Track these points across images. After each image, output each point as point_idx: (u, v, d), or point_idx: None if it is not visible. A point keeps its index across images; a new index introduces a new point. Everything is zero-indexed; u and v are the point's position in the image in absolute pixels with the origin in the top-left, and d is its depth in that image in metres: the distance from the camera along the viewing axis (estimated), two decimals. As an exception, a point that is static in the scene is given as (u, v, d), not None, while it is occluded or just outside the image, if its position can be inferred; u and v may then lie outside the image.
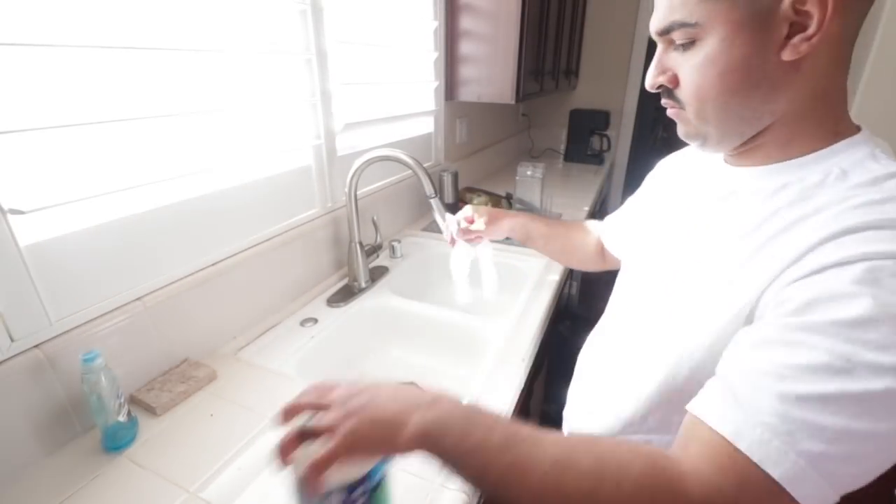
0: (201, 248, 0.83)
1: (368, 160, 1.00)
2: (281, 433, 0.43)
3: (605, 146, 2.63)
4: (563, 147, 2.69)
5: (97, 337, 0.67)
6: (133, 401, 0.71)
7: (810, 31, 0.36)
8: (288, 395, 0.73)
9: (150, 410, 0.70)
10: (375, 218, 1.22)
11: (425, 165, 0.98)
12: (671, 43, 0.43)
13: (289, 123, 1.00)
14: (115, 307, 0.70)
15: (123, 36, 0.65)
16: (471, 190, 1.65)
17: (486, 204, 1.57)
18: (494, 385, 0.78)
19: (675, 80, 0.45)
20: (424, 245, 1.39)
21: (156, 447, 0.65)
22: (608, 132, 2.62)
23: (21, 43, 0.55)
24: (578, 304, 0.91)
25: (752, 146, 0.46)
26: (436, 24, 1.49)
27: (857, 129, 0.43)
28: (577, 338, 1.08)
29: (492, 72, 1.57)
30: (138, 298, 0.72)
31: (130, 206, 0.71)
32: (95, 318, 0.67)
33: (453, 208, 1.60)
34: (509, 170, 2.05)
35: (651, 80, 0.47)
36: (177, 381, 0.75)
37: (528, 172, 1.61)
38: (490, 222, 0.85)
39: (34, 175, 0.58)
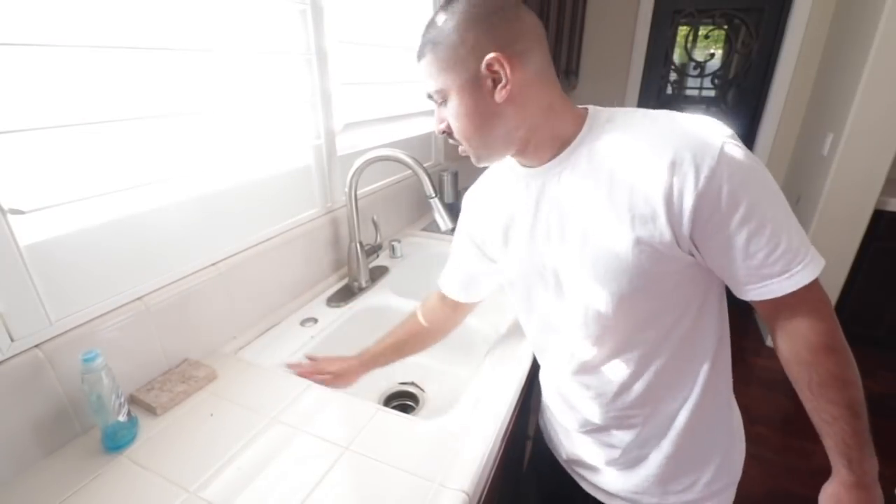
0: (201, 248, 0.83)
1: (368, 160, 1.00)
2: None
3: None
4: (563, 147, 2.68)
5: (97, 337, 0.67)
6: (133, 401, 0.71)
7: (502, 81, 0.54)
8: (288, 395, 0.74)
9: (150, 410, 0.70)
10: (375, 218, 1.22)
11: (425, 165, 0.98)
12: (436, 101, 0.60)
13: (289, 123, 1.00)
14: (115, 307, 0.70)
15: (123, 36, 0.65)
16: (471, 190, 1.65)
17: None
18: (494, 385, 0.78)
19: (449, 127, 0.60)
20: (424, 245, 1.39)
21: (156, 447, 0.65)
22: (608, 132, 2.62)
23: (21, 43, 0.55)
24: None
25: (530, 151, 0.60)
26: (436, 24, 1.49)
27: (586, 110, 0.60)
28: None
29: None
30: (138, 298, 0.73)
31: (130, 206, 0.71)
32: (95, 318, 0.67)
33: (453, 208, 1.60)
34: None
35: (436, 128, 0.62)
36: (177, 380, 0.75)
37: (528, 172, 1.61)
38: (343, 381, 0.85)
39: (34, 175, 0.58)
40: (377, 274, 1.17)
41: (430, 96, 0.60)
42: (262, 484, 0.59)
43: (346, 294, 1.08)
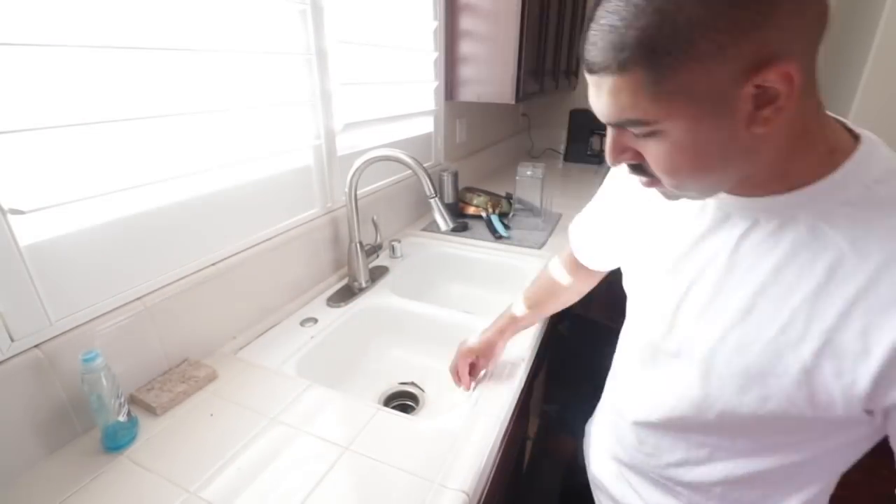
0: (201, 248, 0.83)
1: (368, 160, 1.00)
2: None
3: (605, 146, 2.63)
4: (563, 147, 2.68)
5: (97, 337, 0.67)
6: (133, 401, 0.71)
7: (780, 102, 0.34)
8: (288, 395, 0.74)
9: (150, 410, 0.70)
10: (375, 218, 1.22)
11: (425, 165, 0.98)
12: (635, 133, 0.40)
13: (289, 123, 1.00)
14: (115, 307, 0.70)
15: (123, 36, 0.65)
16: (471, 190, 1.65)
17: (486, 204, 1.57)
18: (494, 385, 0.78)
19: (640, 157, 0.41)
20: (424, 245, 1.39)
21: (156, 447, 0.65)
22: (608, 132, 2.62)
23: (21, 43, 0.55)
24: (578, 303, 0.91)
25: (745, 185, 0.42)
26: (436, 24, 1.49)
27: (857, 142, 0.40)
28: (577, 337, 1.08)
29: (492, 72, 1.57)
30: (138, 298, 0.73)
31: (130, 206, 0.71)
32: (95, 318, 0.67)
33: (453, 208, 1.60)
34: (509, 170, 2.05)
35: (612, 159, 0.43)
36: (177, 380, 0.75)
37: (528, 172, 1.61)
38: (489, 358, 0.80)
39: (34, 175, 0.58)
40: (377, 274, 1.17)
41: (617, 125, 0.40)
42: (262, 484, 0.59)
43: (346, 294, 1.08)
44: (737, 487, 0.51)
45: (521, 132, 2.72)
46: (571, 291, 0.83)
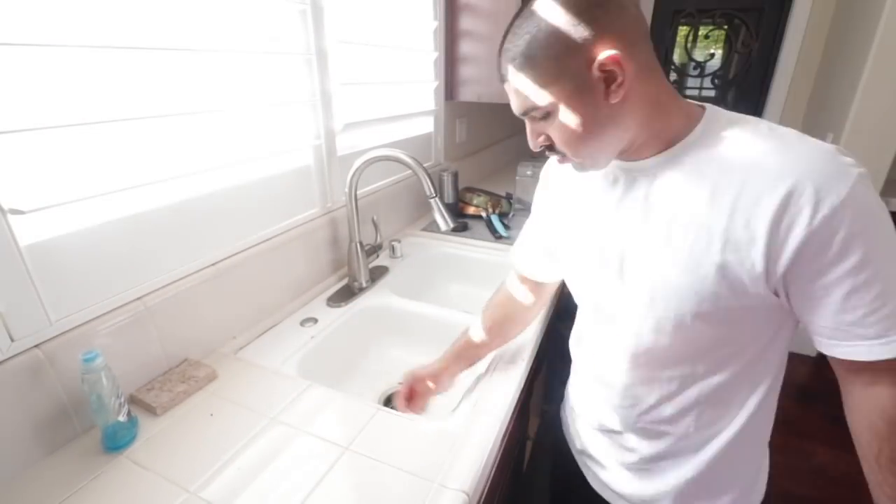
0: (201, 248, 0.83)
1: (368, 160, 1.00)
2: None
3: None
4: (563, 147, 2.68)
5: (97, 337, 0.67)
6: (133, 401, 0.71)
7: (618, 79, 0.49)
8: (288, 395, 0.74)
9: (150, 410, 0.70)
10: (375, 218, 1.22)
11: (425, 165, 0.98)
12: (535, 117, 0.54)
13: (289, 123, 1.00)
14: (115, 307, 0.70)
15: (123, 36, 0.65)
16: (471, 190, 1.65)
17: (486, 204, 1.57)
18: (494, 385, 0.78)
19: (549, 139, 0.56)
20: (424, 245, 1.40)
21: (156, 447, 0.65)
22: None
23: (21, 43, 0.55)
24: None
25: (633, 149, 0.56)
26: (436, 24, 1.49)
27: (703, 109, 0.56)
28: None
29: (492, 72, 1.56)
30: (138, 298, 0.73)
31: (130, 206, 0.71)
32: (95, 318, 0.67)
33: (453, 208, 1.60)
34: (509, 170, 2.05)
35: (533, 145, 0.57)
36: (177, 380, 0.75)
37: (528, 172, 1.61)
38: (438, 385, 0.81)
39: (34, 175, 0.59)
40: (377, 274, 1.17)
41: (524, 113, 0.55)
42: (262, 484, 0.59)
43: (346, 294, 1.08)
44: (709, 406, 0.60)
45: (521, 132, 2.71)
46: (525, 311, 0.86)
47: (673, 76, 2.73)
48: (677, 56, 2.68)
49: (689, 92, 2.74)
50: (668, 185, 0.54)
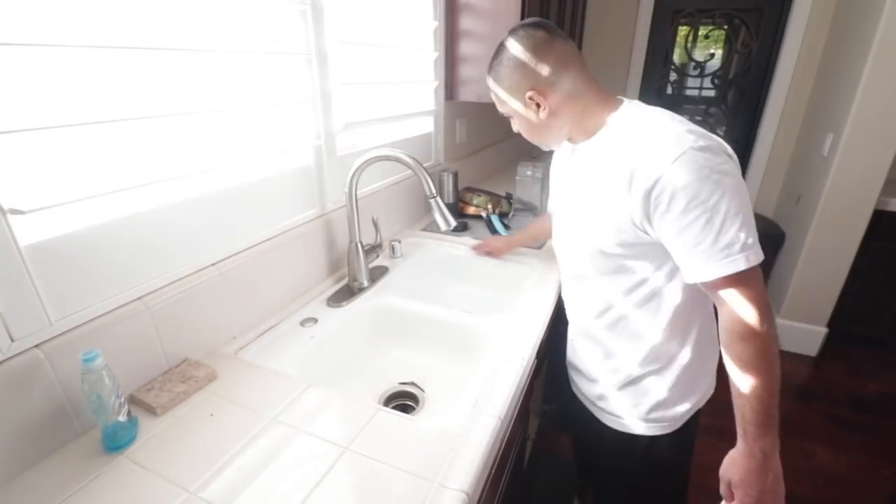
0: (202, 248, 0.83)
1: (368, 160, 1.00)
2: None
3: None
4: (563, 147, 2.69)
5: (97, 337, 0.67)
6: (133, 401, 0.71)
7: (543, 106, 0.76)
8: (288, 395, 0.74)
9: (150, 410, 0.70)
10: (375, 218, 1.22)
11: (425, 165, 0.98)
12: (509, 116, 0.84)
13: (289, 123, 1.00)
14: (115, 307, 0.70)
15: (123, 36, 0.65)
16: (471, 190, 1.65)
17: (487, 204, 1.57)
18: (494, 385, 0.78)
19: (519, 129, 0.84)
20: (424, 245, 1.39)
21: (156, 447, 0.65)
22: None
23: (21, 43, 0.55)
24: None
25: (575, 137, 0.80)
26: (436, 24, 1.49)
27: (620, 103, 0.76)
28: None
29: (492, 72, 1.57)
30: (138, 298, 0.73)
31: (130, 206, 0.71)
32: (95, 318, 0.67)
33: (453, 208, 1.60)
34: (509, 170, 2.05)
35: (513, 128, 0.87)
36: (177, 380, 0.75)
37: (528, 172, 1.61)
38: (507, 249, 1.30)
39: (34, 175, 0.58)
40: (377, 274, 1.17)
41: (502, 113, 0.84)
42: (262, 484, 0.59)
43: (346, 294, 1.08)
44: (633, 313, 0.79)
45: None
46: (546, 233, 1.21)
47: (673, 76, 2.73)
48: (677, 56, 2.68)
49: (689, 92, 2.74)
50: (591, 161, 0.77)
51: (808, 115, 2.40)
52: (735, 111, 2.66)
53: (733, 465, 0.68)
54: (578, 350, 0.93)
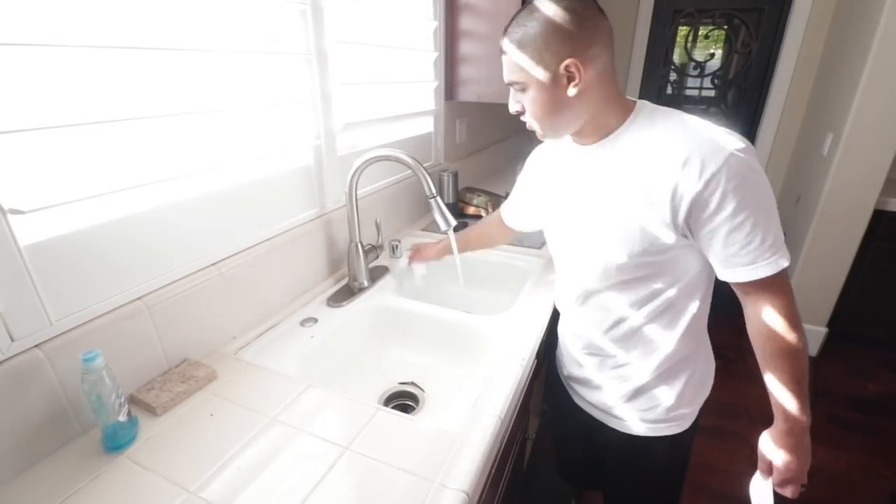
0: (201, 248, 0.83)
1: (368, 160, 1.00)
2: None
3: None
4: (563, 147, 2.68)
5: (97, 337, 0.67)
6: (133, 400, 0.71)
7: (576, 80, 0.66)
8: (288, 395, 0.74)
9: (150, 410, 0.70)
10: (378, 220, 1.22)
11: (425, 165, 0.98)
12: (516, 89, 0.72)
13: (289, 123, 1.00)
14: (115, 307, 0.70)
15: (123, 36, 0.65)
16: (471, 190, 1.65)
17: (487, 204, 1.58)
18: (494, 385, 0.78)
19: (523, 108, 0.73)
20: (424, 245, 1.39)
21: (156, 447, 0.65)
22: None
23: (21, 43, 0.55)
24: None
25: (584, 133, 0.74)
26: (436, 24, 1.49)
27: (634, 103, 0.73)
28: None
29: (492, 72, 1.57)
30: (138, 298, 0.73)
31: (130, 206, 0.71)
32: (95, 318, 0.67)
33: (453, 208, 1.60)
34: (509, 170, 2.05)
35: (512, 108, 0.75)
36: (177, 380, 0.75)
37: (528, 172, 1.61)
38: (424, 253, 1.19)
39: (34, 175, 0.58)
40: (377, 274, 1.17)
41: (511, 83, 0.72)
42: (262, 484, 0.59)
43: (346, 294, 1.08)
44: (647, 325, 0.78)
45: (521, 132, 2.72)
46: (491, 242, 1.20)
47: (673, 76, 2.73)
48: (677, 56, 2.68)
49: (688, 92, 2.74)
50: (610, 163, 0.72)
51: (808, 115, 2.40)
52: (735, 111, 2.66)
53: (777, 444, 0.71)
54: (584, 364, 0.89)
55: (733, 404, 1.84)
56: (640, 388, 0.82)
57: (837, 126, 1.95)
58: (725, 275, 0.68)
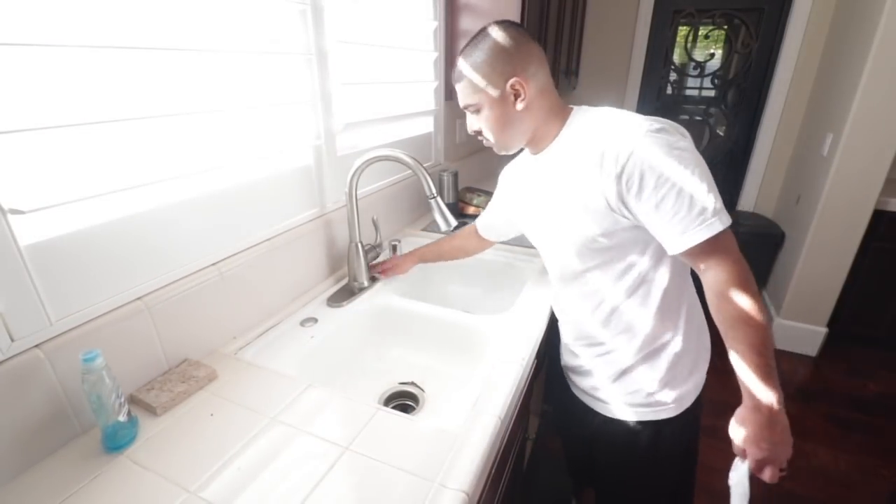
0: (201, 248, 0.83)
1: (368, 160, 1.00)
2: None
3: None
4: (563, 147, 2.68)
5: (97, 337, 0.67)
6: (133, 400, 0.71)
7: (522, 95, 0.76)
8: (288, 395, 0.74)
9: (151, 410, 0.70)
10: (375, 218, 1.22)
11: (425, 165, 0.98)
12: (472, 112, 0.81)
13: (289, 123, 1.00)
14: (115, 307, 0.70)
15: (123, 36, 0.65)
16: (471, 190, 1.65)
17: (486, 203, 1.57)
18: (494, 385, 0.78)
19: (480, 129, 0.82)
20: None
21: (156, 447, 0.65)
22: (608, 132, 2.62)
23: (21, 43, 0.55)
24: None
25: (535, 142, 0.83)
26: (435, 24, 1.49)
27: (571, 109, 0.81)
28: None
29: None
30: (138, 298, 0.73)
31: (130, 206, 0.71)
32: (95, 318, 0.67)
33: (453, 208, 1.60)
34: (509, 170, 2.04)
35: (470, 129, 0.84)
36: (177, 380, 0.75)
37: (528, 172, 1.61)
38: (395, 269, 1.17)
39: (34, 175, 0.58)
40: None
41: (466, 107, 0.81)
42: (262, 484, 0.59)
43: (346, 294, 1.08)
44: (624, 305, 0.81)
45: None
46: (465, 253, 1.21)
47: (673, 76, 2.73)
48: (677, 56, 2.68)
49: (688, 92, 2.74)
50: (556, 164, 0.80)
51: (808, 115, 2.40)
52: (735, 111, 2.66)
53: (742, 423, 0.68)
54: (578, 353, 0.93)
55: (734, 404, 1.84)
56: (624, 370, 0.85)
57: (837, 126, 1.95)
58: (669, 248, 0.69)
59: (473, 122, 0.82)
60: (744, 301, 0.65)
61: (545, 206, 0.84)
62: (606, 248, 0.77)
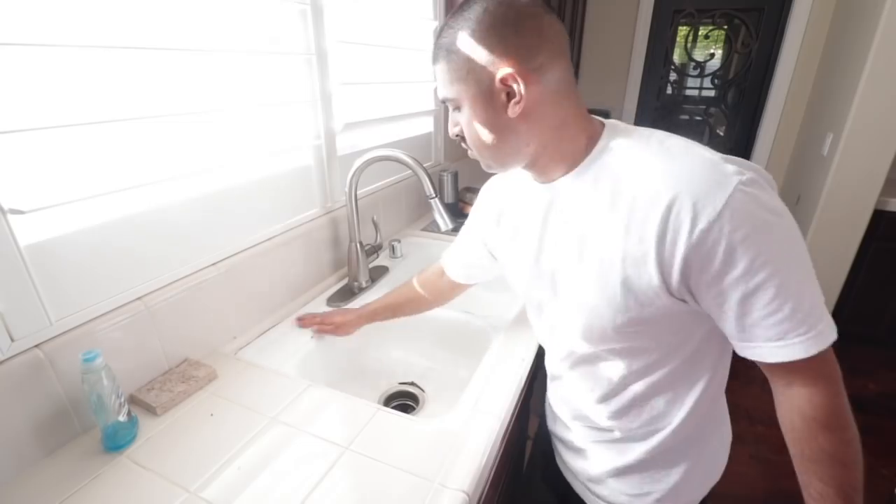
0: (202, 248, 0.83)
1: (368, 160, 1.00)
2: None
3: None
4: (563, 147, 2.68)
5: (97, 337, 0.67)
6: (133, 400, 0.71)
7: (516, 97, 0.51)
8: (288, 395, 0.74)
9: (151, 410, 0.70)
10: (375, 218, 1.22)
11: (425, 165, 0.98)
12: (450, 107, 0.58)
13: (289, 123, 1.00)
14: (115, 307, 0.70)
15: (123, 36, 0.65)
16: (471, 190, 1.65)
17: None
18: (494, 385, 0.78)
19: (462, 132, 0.59)
20: (424, 245, 1.39)
21: (156, 447, 0.65)
22: (608, 132, 2.62)
23: (21, 43, 0.55)
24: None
25: (540, 167, 0.59)
26: (436, 24, 1.49)
27: (602, 126, 0.58)
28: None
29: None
30: (138, 298, 0.73)
31: (131, 206, 0.71)
32: (95, 318, 0.67)
33: (453, 208, 1.60)
34: (509, 170, 2.04)
35: (450, 131, 0.61)
36: (177, 380, 0.75)
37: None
38: (338, 329, 0.94)
39: (34, 175, 0.58)
40: (377, 274, 1.17)
41: (444, 100, 0.58)
42: (262, 484, 0.59)
43: (346, 294, 1.08)
44: (646, 404, 0.63)
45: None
46: (431, 303, 0.95)
47: (673, 76, 2.73)
48: (677, 56, 2.68)
49: (688, 92, 2.74)
50: (577, 204, 0.57)
51: (808, 115, 2.40)
52: (735, 111, 2.66)
53: None
54: (568, 425, 0.74)
55: (734, 404, 1.83)
56: (631, 465, 0.66)
57: (837, 126, 1.95)
58: (744, 350, 0.51)
59: (454, 122, 0.59)
60: (843, 436, 0.50)
61: (554, 260, 0.61)
62: (637, 333, 0.56)
